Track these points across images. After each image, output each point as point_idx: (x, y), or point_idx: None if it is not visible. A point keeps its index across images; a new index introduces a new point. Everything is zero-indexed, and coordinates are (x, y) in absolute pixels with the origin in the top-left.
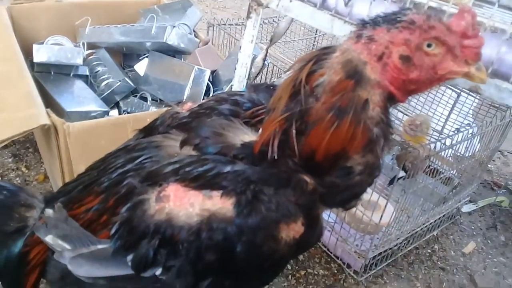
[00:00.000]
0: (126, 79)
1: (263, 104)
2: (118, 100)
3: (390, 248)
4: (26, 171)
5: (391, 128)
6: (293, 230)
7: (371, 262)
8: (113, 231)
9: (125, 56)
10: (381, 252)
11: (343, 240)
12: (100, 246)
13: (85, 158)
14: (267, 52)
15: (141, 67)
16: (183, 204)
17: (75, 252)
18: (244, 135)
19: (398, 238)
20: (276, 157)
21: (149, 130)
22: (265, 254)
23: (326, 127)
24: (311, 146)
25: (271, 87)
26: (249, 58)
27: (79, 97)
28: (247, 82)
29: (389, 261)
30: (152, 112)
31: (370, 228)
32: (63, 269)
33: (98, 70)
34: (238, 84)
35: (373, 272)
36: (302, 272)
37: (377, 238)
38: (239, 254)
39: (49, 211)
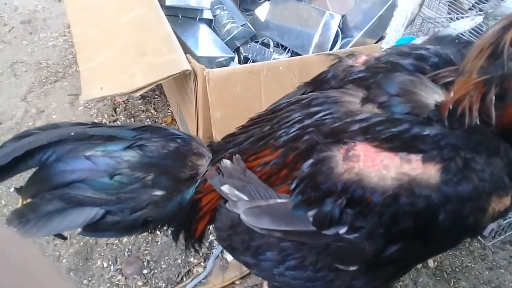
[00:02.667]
0: (248, 24)
1: (452, 59)
2: (239, 45)
3: None
4: (155, 113)
5: None
6: (502, 203)
7: (501, 227)
8: (293, 186)
9: None
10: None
11: None
12: (279, 201)
13: (222, 104)
14: None
15: (261, 11)
16: (375, 166)
17: (252, 203)
18: (435, 95)
19: None
20: (477, 122)
21: (319, 83)
22: (469, 225)
23: None
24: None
25: (457, 41)
26: (412, 4)
27: (206, 42)
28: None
29: None
30: (284, 61)
31: None
32: (235, 218)
33: (219, 14)
34: (394, 33)
35: (501, 237)
36: None
37: None
38: (441, 223)
39: (226, 162)
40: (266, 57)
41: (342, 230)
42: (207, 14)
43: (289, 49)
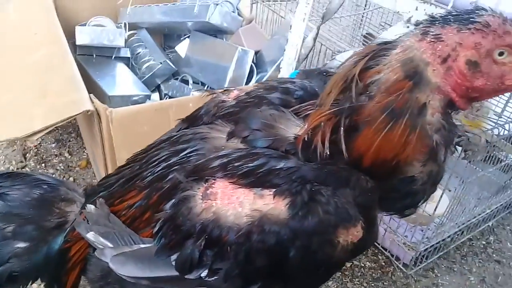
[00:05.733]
0: (168, 61)
1: (317, 92)
2: (159, 83)
3: (443, 240)
4: (69, 156)
5: (454, 135)
6: (352, 234)
7: (421, 254)
8: (156, 228)
9: (166, 36)
10: (432, 244)
11: (392, 231)
12: (143, 246)
13: (128, 144)
14: (318, 31)
15: (182, 48)
16: (232, 203)
17: (117, 250)
18: (296, 128)
19: (452, 229)
20: (328, 154)
21: (193, 120)
22: (320, 260)
23: (378, 129)
24: (360, 149)
25: (324, 73)
26: (300, 39)
27: (121, 81)
28: (296, 65)
29: (441, 253)
30: (194, 97)
31: (422, 219)
32: (104, 267)
33: (139, 52)
34: (287, 67)
35: (423, 265)
36: (348, 265)
37: (429, 229)
38: (292, 259)
39: (90, 207)
40: (185, 94)
41: (204, 273)
42: (125, 53)
43: (208, 86)
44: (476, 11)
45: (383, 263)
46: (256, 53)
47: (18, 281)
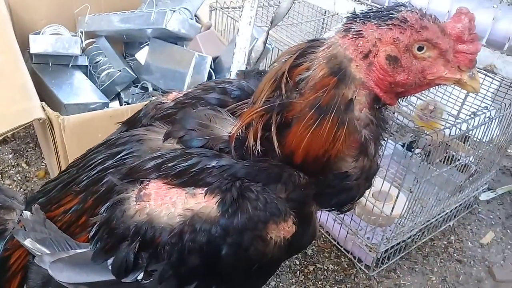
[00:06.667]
0: (127, 68)
1: (254, 91)
2: (119, 91)
3: (404, 241)
4: (27, 167)
5: (384, 130)
6: (283, 230)
7: (383, 255)
8: (92, 233)
9: (127, 44)
10: (393, 245)
11: (353, 233)
12: (79, 251)
13: (82, 152)
14: (268, 35)
15: (142, 55)
16: (165, 203)
17: (55, 256)
18: (232, 127)
19: (412, 229)
20: (260, 151)
21: (132, 123)
22: (253, 257)
23: (307, 125)
24: (291, 146)
25: (262, 73)
26: (247, 42)
27: (77, 89)
28: (246, 68)
29: (403, 254)
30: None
31: (381, 220)
32: (45, 274)
33: (99, 60)
34: (237, 70)
35: (385, 266)
36: (311, 268)
37: (389, 230)
38: (225, 257)
39: (26, 213)
40: (145, 101)
41: (140, 276)
42: (82, 61)
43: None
44: (396, 7)
45: (346, 265)
46: (215, 59)
47: None
